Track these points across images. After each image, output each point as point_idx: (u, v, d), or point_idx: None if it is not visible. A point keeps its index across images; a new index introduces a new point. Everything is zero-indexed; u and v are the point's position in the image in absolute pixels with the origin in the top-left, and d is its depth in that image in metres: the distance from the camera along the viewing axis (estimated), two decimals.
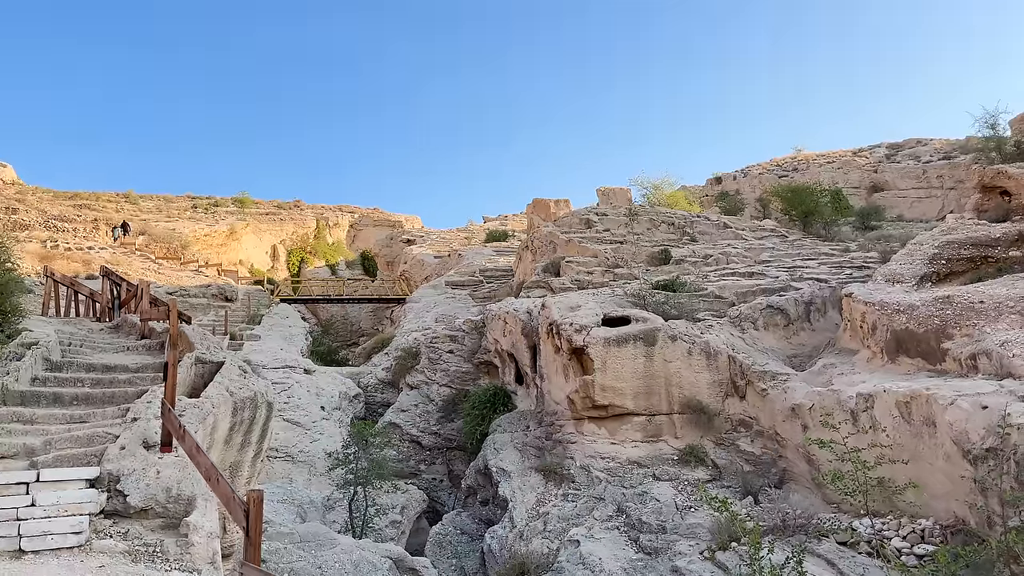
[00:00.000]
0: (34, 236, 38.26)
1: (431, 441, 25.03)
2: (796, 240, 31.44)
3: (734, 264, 26.70)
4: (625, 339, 17.68)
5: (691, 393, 17.60)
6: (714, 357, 17.79)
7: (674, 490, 15.86)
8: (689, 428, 17.53)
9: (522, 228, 55.33)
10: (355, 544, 15.45)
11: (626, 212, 32.72)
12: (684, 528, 14.46)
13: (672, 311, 19.55)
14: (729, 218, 35.85)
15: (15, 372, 10.03)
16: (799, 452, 15.57)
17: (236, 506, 6.44)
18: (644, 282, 23.00)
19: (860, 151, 52.86)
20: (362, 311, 47.44)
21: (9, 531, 6.80)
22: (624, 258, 27.68)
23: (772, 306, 20.20)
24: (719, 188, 57.92)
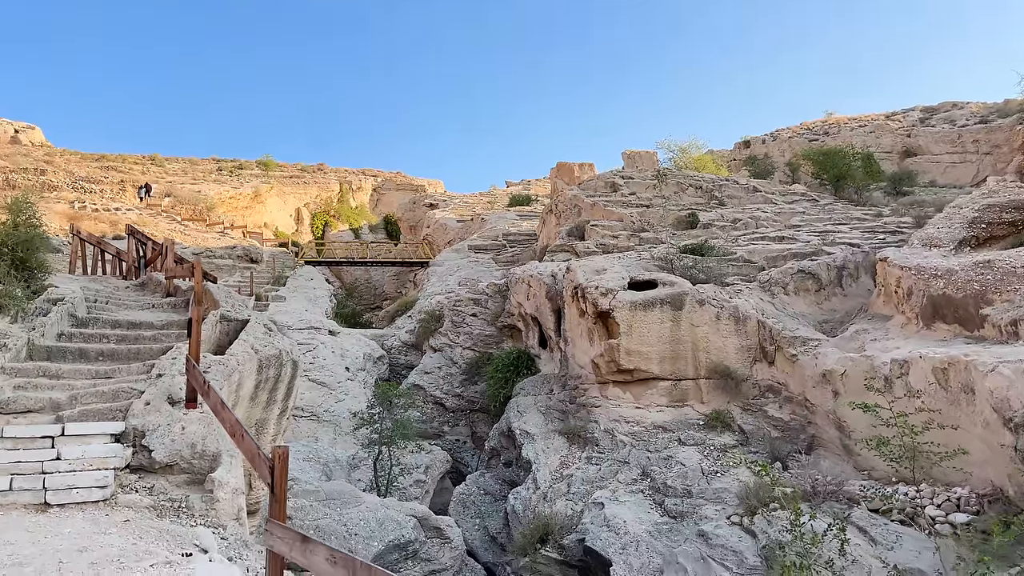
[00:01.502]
0: (62, 197, 38.59)
1: (454, 403, 25.08)
2: (827, 204, 30.74)
3: (764, 228, 26.18)
4: (652, 303, 17.41)
5: (718, 358, 17.33)
6: (743, 322, 17.47)
7: (700, 455, 15.69)
8: (716, 393, 17.30)
9: (545, 193, 54.80)
10: (380, 502, 15.55)
11: (653, 175, 32.14)
12: (710, 493, 14.32)
13: (700, 275, 19.20)
14: (759, 182, 35.14)
15: (41, 327, 10.02)
16: (829, 418, 15.30)
17: (261, 462, 6.33)
18: (671, 246, 22.61)
19: (893, 115, 51.48)
20: (385, 275, 47.49)
21: (34, 484, 6.79)
22: (650, 222, 27.25)
23: (803, 271, 19.75)
24: (747, 152, 56.86)
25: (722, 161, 50.96)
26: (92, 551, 5.35)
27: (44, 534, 5.85)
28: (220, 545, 6.67)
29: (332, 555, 5.20)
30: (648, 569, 12.90)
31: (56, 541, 5.64)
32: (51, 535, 5.83)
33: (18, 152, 52.78)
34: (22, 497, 6.70)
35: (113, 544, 5.65)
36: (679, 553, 12.80)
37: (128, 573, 4.91)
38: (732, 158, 55.98)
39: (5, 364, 9.02)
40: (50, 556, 5.13)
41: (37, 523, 6.25)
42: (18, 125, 59.94)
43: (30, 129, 59.79)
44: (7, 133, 58.29)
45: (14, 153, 51.71)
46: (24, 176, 42.31)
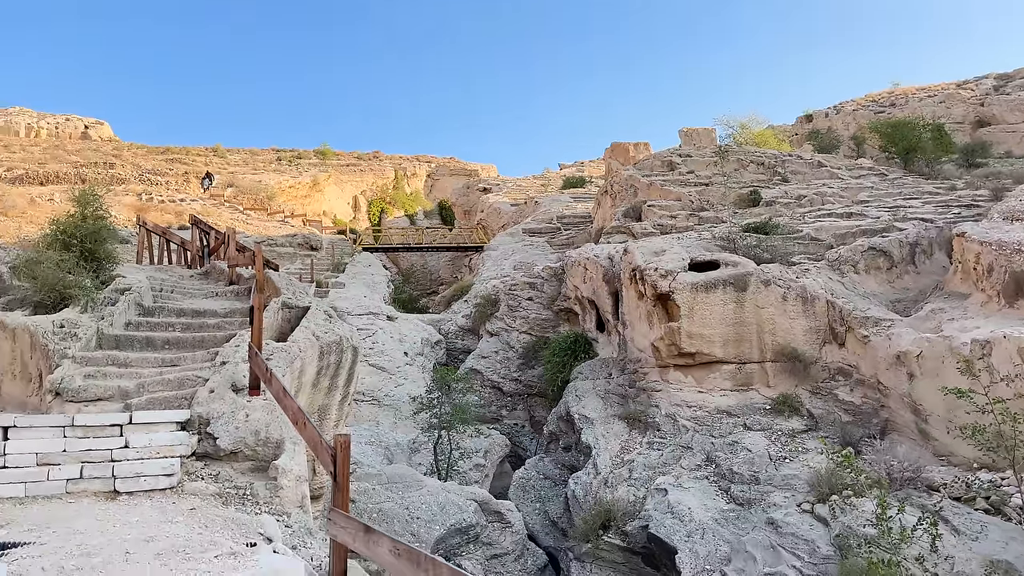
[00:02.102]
0: (130, 189, 39.85)
1: (512, 387, 25.01)
2: (896, 178, 29.40)
3: (830, 204, 25.18)
4: (714, 284, 16.90)
5: (785, 340, 16.75)
6: (811, 302, 16.82)
7: (767, 440, 15.21)
8: (783, 377, 16.74)
9: (599, 174, 54.10)
10: (441, 486, 15.58)
11: (713, 152, 31.25)
12: (779, 479, 13.87)
13: (764, 255, 18.55)
14: (823, 156, 33.86)
15: (110, 317, 10.24)
16: (904, 402, 14.63)
17: (323, 450, 6.29)
18: (733, 225, 21.94)
19: (964, 83, 49.00)
20: (440, 260, 47.70)
21: (104, 472, 6.90)
22: (710, 200, 26.52)
23: (874, 248, 18.90)
24: (809, 126, 55.07)
25: (783, 136, 49.43)
26: (158, 541, 5.37)
27: (112, 523, 5.91)
28: (284, 533, 6.66)
29: (396, 547, 5.10)
30: (715, 557, 12.57)
31: (124, 530, 5.69)
32: (119, 524, 5.89)
33: (88, 147, 54.77)
34: (92, 485, 6.82)
35: (179, 534, 5.67)
36: (747, 541, 12.42)
37: (193, 564, 4.89)
38: (794, 133, 54.30)
39: (76, 353, 9.24)
40: (117, 546, 5.16)
41: (106, 511, 6.33)
42: (88, 121, 62.18)
43: (99, 124, 61.96)
44: (78, 129, 60.54)
45: (84, 148, 53.68)
46: (94, 170, 43.86)
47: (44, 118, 61.49)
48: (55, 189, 39.07)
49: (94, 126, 62.04)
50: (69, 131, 60.16)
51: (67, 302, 10.48)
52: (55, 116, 62.42)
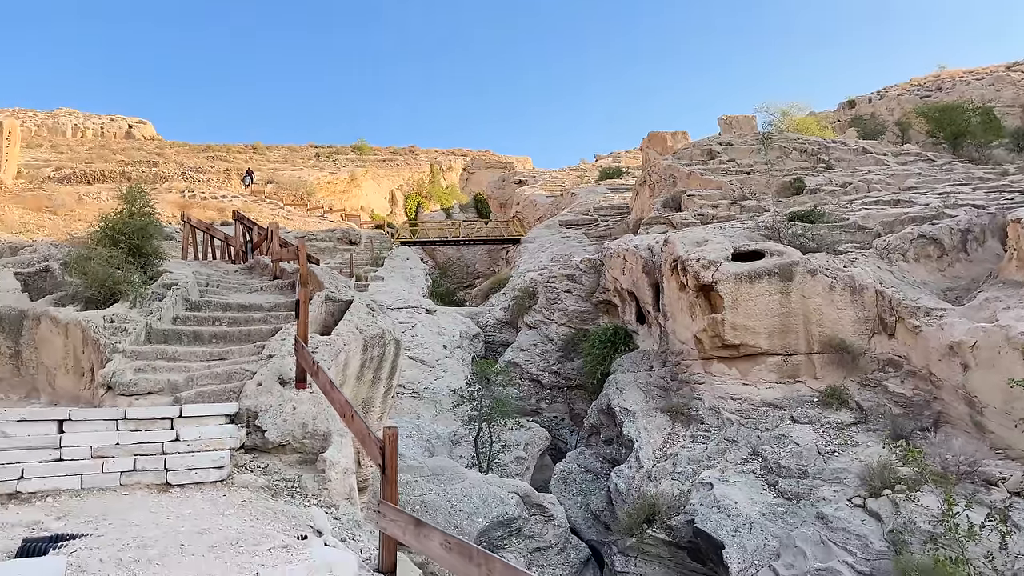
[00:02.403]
0: (173, 187, 40.60)
1: (551, 380, 24.91)
2: (945, 164, 28.54)
3: (876, 192, 24.55)
4: (758, 274, 16.57)
5: (833, 331, 16.35)
6: (859, 292, 16.39)
7: (815, 433, 14.88)
8: (830, 368, 16.36)
9: (636, 164, 53.58)
10: (482, 479, 15.57)
11: (756, 139, 30.66)
12: (828, 473, 13.56)
13: (810, 244, 18.13)
14: (868, 142, 33.03)
15: (158, 311, 10.39)
16: (958, 393, 14.17)
17: (371, 443, 6.27)
18: (776, 213, 21.48)
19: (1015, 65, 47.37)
20: (476, 253, 47.76)
21: (156, 465, 6.98)
22: (752, 189, 26.05)
23: (924, 236, 18.33)
24: (852, 112, 53.88)
25: (826, 123, 48.40)
26: (212, 533, 5.40)
27: (166, 515, 5.97)
28: (333, 526, 6.67)
29: (447, 541, 5.05)
30: (763, 552, 12.35)
31: (177, 523, 5.73)
32: (172, 516, 5.95)
33: (132, 146, 55.98)
34: (145, 477, 6.91)
35: (231, 526, 5.70)
36: (797, 536, 12.17)
37: (247, 557, 4.90)
38: (836, 119, 53.21)
39: (126, 348, 9.39)
40: (172, 539, 5.20)
41: (159, 503, 6.40)
42: (132, 120, 63.56)
43: (142, 124, 63.28)
44: (122, 129, 61.91)
45: (129, 147, 54.87)
46: (138, 168, 44.81)
47: (90, 118, 63.03)
48: (101, 188, 40.00)
49: (137, 125, 63.40)
50: (114, 131, 61.57)
51: (116, 297, 10.67)
52: (100, 116, 63.94)
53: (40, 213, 34.77)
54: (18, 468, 6.64)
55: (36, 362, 11.58)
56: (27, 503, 6.43)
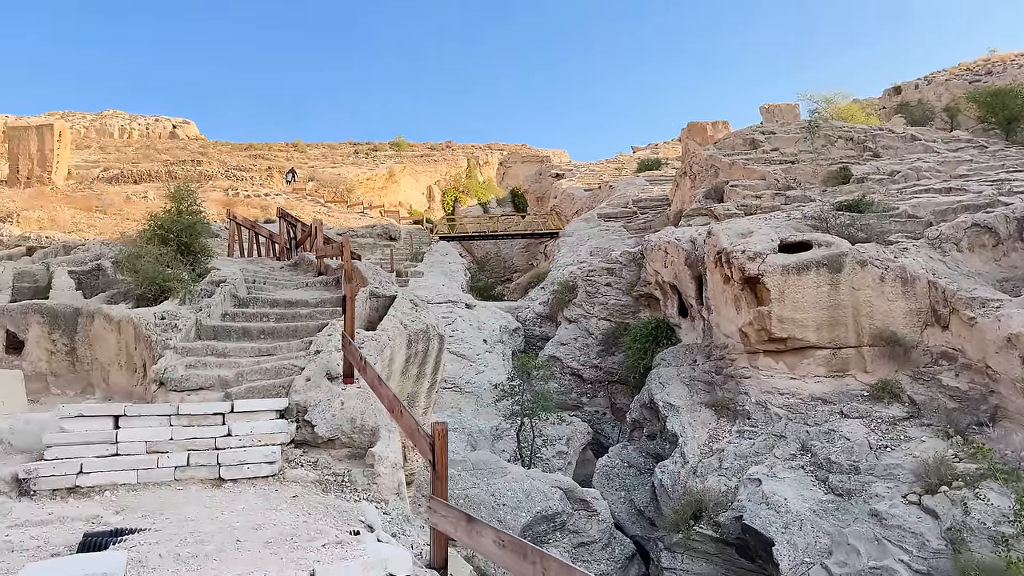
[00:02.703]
0: (217, 185, 41.35)
1: (592, 374, 24.76)
2: (998, 151, 27.57)
3: (926, 180, 23.83)
4: (806, 266, 16.20)
5: (883, 323, 15.92)
6: (911, 283, 15.93)
7: (866, 428, 14.52)
8: (881, 361, 15.94)
9: (675, 155, 52.90)
10: (525, 473, 15.53)
11: (802, 127, 29.98)
12: (880, 469, 13.22)
13: (859, 234, 17.67)
14: (917, 129, 32.10)
15: (207, 308, 10.54)
16: (1016, 387, 13.68)
17: (421, 438, 6.26)
18: (823, 203, 20.99)
19: None
20: (514, 247, 47.67)
21: (209, 460, 7.07)
22: (796, 179, 25.48)
23: (978, 224, 17.73)
24: (898, 99, 52.45)
25: (871, 110, 47.20)
26: (266, 529, 5.44)
27: (221, 510, 6.04)
28: (383, 520, 6.68)
29: (500, 538, 5.00)
30: (814, 550, 12.09)
31: (232, 518, 5.79)
32: (227, 511, 6.01)
33: (176, 146, 57.15)
34: (199, 472, 7.00)
35: (285, 522, 5.74)
36: (849, 533, 11.89)
37: (302, 553, 4.92)
38: (881, 106, 51.85)
39: (177, 344, 9.54)
40: (228, 534, 5.25)
41: (213, 498, 6.48)
42: (175, 121, 64.89)
43: (186, 124, 64.54)
44: (166, 129, 63.25)
45: (173, 147, 56.03)
46: (183, 167, 45.72)
47: (135, 120, 64.52)
48: (148, 187, 40.91)
49: (181, 126, 64.70)
50: (159, 131, 62.94)
51: (166, 295, 10.86)
52: (145, 117, 65.40)
53: (90, 213, 35.71)
54: (77, 463, 6.78)
55: (90, 358, 11.86)
56: (86, 497, 6.57)
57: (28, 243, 25.46)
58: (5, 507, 6.19)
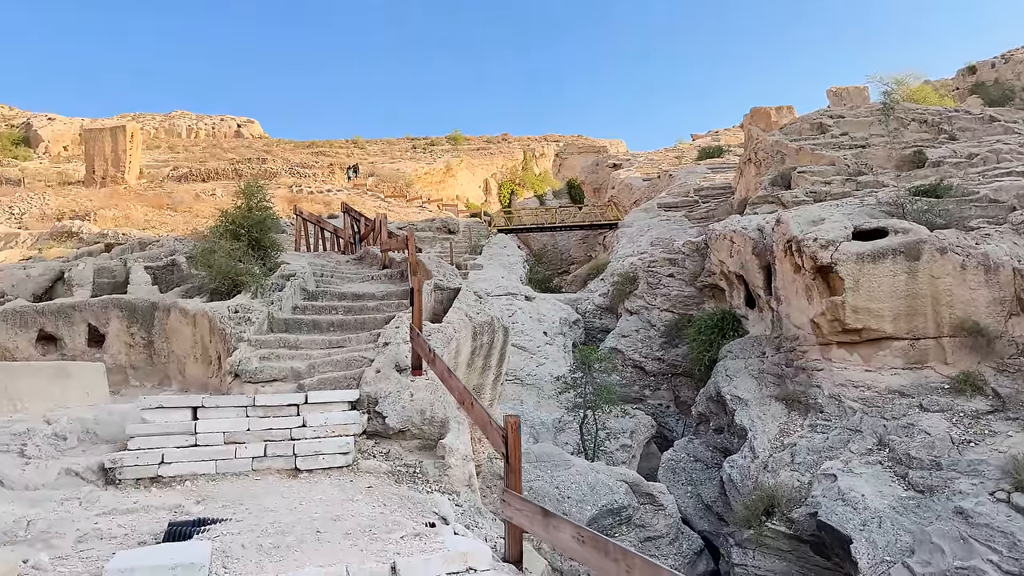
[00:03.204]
0: (281, 182, 42.30)
1: (655, 367, 24.41)
2: None
3: (1007, 162, 22.62)
4: (882, 254, 15.57)
5: (965, 313, 15.20)
6: (994, 271, 15.16)
7: (947, 422, 13.89)
8: (963, 353, 15.23)
9: (737, 142, 51.69)
10: (589, 466, 15.40)
11: (876, 110, 28.84)
12: (964, 465, 12.63)
13: (937, 220, 16.89)
14: (995, 110, 30.56)
15: (278, 301, 10.73)
16: None
17: (493, 431, 6.19)
18: (897, 188, 20.15)
19: None
20: (571, 239, 47.38)
21: (285, 451, 7.16)
22: (868, 164, 24.54)
23: None
24: (973, 79, 50.08)
25: (944, 91, 45.19)
26: (345, 520, 5.46)
27: (299, 501, 6.09)
28: (456, 512, 6.65)
29: (579, 533, 4.89)
30: (895, 548, 11.63)
31: (311, 508, 5.83)
32: (305, 502, 6.06)
33: (241, 144, 58.70)
34: (275, 463, 7.09)
35: (362, 513, 5.75)
36: (932, 532, 11.38)
37: (381, 545, 4.91)
38: (954, 87, 49.61)
39: (250, 337, 9.73)
40: (308, 525, 5.28)
41: (290, 488, 6.55)
42: (240, 120, 66.63)
43: (250, 123, 66.21)
44: (231, 128, 65.00)
45: (238, 146, 57.56)
46: (248, 165, 46.91)
47: (202, 119, 66.45)
48: (215, 185, 42.11)
49: (246, 124, 66.37)
50: (224, 130, 64.70)
51: (239, 288, 11.09)
52: (211, 117, 67.30)
53: (162, 210, 36.96)
54: (159, 453, 6.95)
55: (167, 351, 12.22)
56: (168, 487, 6.72)
57: (106, 240, 26.51)
58: (93, 495, 6.39)
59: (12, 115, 60.24)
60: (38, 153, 52.10)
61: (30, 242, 30.29)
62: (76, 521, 5.51)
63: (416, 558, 4.65)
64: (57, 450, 7.10)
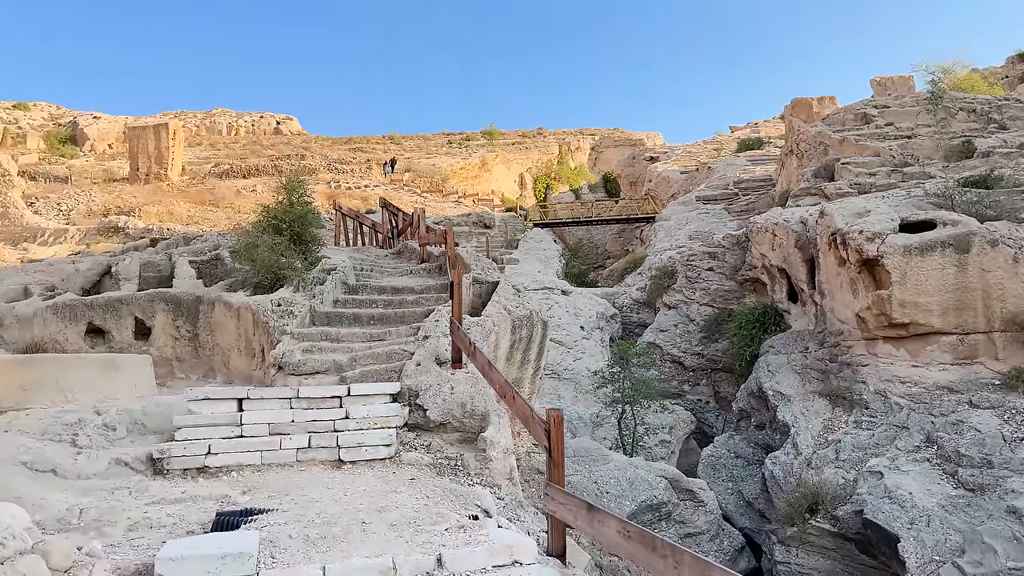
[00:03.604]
0: (320, 178, 42.79)
1: (694, 362, 24.14)
2: None
3: None
4: (930, 246, 15.14)
5: (1017, 307, 14.71)
6: None
7: (999, 419, 13.46)
8: (1014, 348, 14.75)
9: (778, 134, 50.77)
10: (628, 461, 15.28)
11: (921, 99, 28.09)
12: (1016, 463, 12.25)
13: (988, 212, 16.35)
14: None
15: (320, 295, 10.83)
16: None
17: (536, 424, 6.16)
18: (945, 179, 19.58)
19: None
20: (607, 233, 47.10)
21: (329, 442, 7.23)
22: (914, 154, 23.91)
23: None
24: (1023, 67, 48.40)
25: (993, 79, 43.80)
26: (389, 511, 5.48)
27: (343, 491, 6.14)
28: (498, 505, 6.65)
29: (625, 528, 4.83)
30: (944, 548, 11.32)
31: (355, 499, 5.87)
32: (349, 493, 6.11)
33: (281, 141, 59.52)
34: (320, 454, 7.17)
35: (406, 504, 5.78)
36: (984, 531, 11.06)
37: (426, 537, 4.92)
38: (1003, 75, 48.03)
39: (293, 330, 9.84)
40: (353, 516, 5.32)
41: (334, 480, 6.61)
42: (279, 117, 67.56)
43: (289, 120, 67.09)
44: (271, 125, 65.94)
45: (278, 142, 58.37)
46: (288, 162, 47.54)
47: (241, 117, 67.55)
48: (256, 181, 42.76)
49: (284, 121, 67.29)
50: (263, 127, 65.67)
51: (281, 282, 11.23)
52: (251, 114, 68.36)
53: (204, 206, 37.67)
54: (205, 444, 7.07)
55: (212, 344, 12.44)
56: (214, 477, 6.83)
57: (151, 235, 27.09)
58: (142, 485, 6.52)
59: (60, 114, 61.91)
60: (84, 151, 53.48)
61: (78, 237, 31.13)
62: (126, 510, 5.62)
63: (461, 550, 4.65)
64: (107, 440, 7.26)
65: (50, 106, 63.91)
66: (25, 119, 58.53)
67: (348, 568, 4.35)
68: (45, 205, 37.59)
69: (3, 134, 53.56)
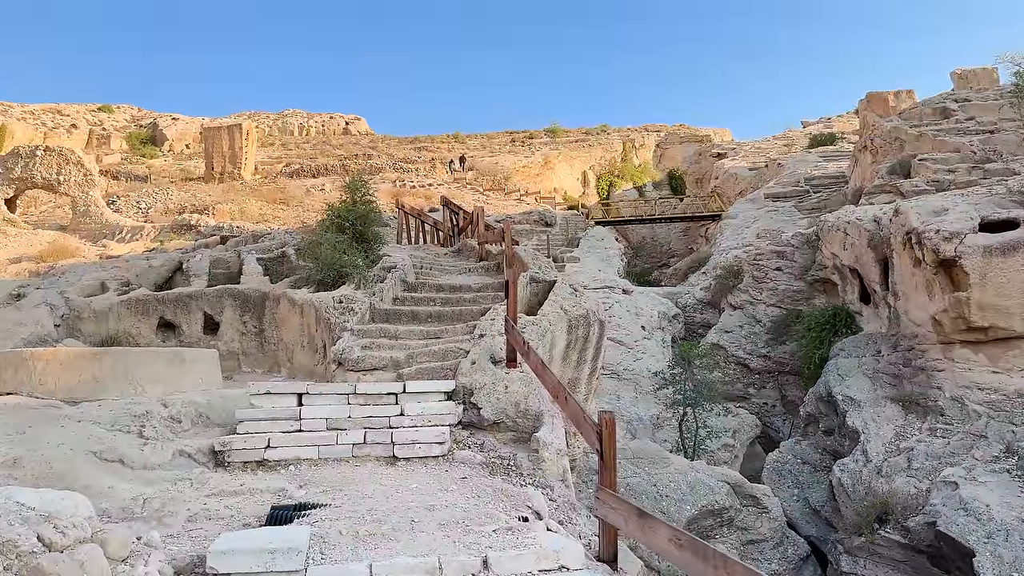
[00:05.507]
0: (386, 177, 43.52)
1: (760, 364, 23.52)
2: None
3: None
4: (1013, 246, 14.33)
5: None
6: None
7: None
8: None
9: (852, 129, 49.01)
10: (689, 465, 15.01)
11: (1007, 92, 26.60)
12: None
13: None
14: None
15: (380, 292, 10.99)
16: None
17: (588, 427, 6.09)
18: None
19: None
20: (671, 231, 46.38)
21: (384, 438, 7.31)
22: (996, 150, 22.70)
23: None
24: None
25: None
26: (439, 510, 5.50)
27: (395, 488, 6.20)
28: (550, 507, 6.60)
29: (677, 536, 4.72)
30: None
31: (407, 497, 5.92)
32: (401, 490, 6.16)
33: (349, 141, 60.80)
34: (374, 450, 7.26)
35: (456, 503, 5.79)
36: None
37: (474, 538, 4.92)
38: None
39: (353, 326, 10.01)
40: (403, 514, 5.36)
41: (387, 476, 6.68)
42: (348, 117, 69.04)
43: (357, 120, 68.49)
44: (340, 125, 67.45)
45: (346, 142, 59.65)
46: (355, 161, 48.53)
47: (312, 117, 69.26)
48: (325, 180, 43.76)
49: (353, 122, 68.72)
50: (333, 128, 67.19)
51: (343, 280, 11.46)
52: (321, 115, 70.03)
53: (275, 205, 38.77)
54: (265, 438, 7.25)
55: (277, 339, 12.78)
56: (272, 471, 7.00)
57: (221, 233, 28.04)
58: (203, 476, 6.73)
59: (141, 116, 64.77)
60: (163, 151, 55.77)
61: (153, 234, 32.46)
62: (187, 501, 5.81)
63: (508, 553, 4.63)
64: (172, 432, 7.52)
65: (132, 108, 66.92)
66: (109, 121, 61.48)
67: (394, 567, 4.38)
68: (125, 203, 39.34)
69: (89, 135, 56.37)
